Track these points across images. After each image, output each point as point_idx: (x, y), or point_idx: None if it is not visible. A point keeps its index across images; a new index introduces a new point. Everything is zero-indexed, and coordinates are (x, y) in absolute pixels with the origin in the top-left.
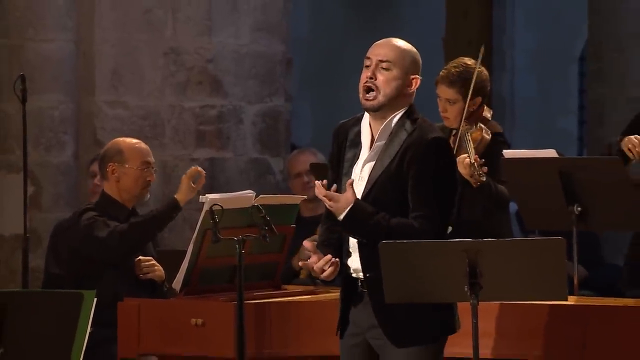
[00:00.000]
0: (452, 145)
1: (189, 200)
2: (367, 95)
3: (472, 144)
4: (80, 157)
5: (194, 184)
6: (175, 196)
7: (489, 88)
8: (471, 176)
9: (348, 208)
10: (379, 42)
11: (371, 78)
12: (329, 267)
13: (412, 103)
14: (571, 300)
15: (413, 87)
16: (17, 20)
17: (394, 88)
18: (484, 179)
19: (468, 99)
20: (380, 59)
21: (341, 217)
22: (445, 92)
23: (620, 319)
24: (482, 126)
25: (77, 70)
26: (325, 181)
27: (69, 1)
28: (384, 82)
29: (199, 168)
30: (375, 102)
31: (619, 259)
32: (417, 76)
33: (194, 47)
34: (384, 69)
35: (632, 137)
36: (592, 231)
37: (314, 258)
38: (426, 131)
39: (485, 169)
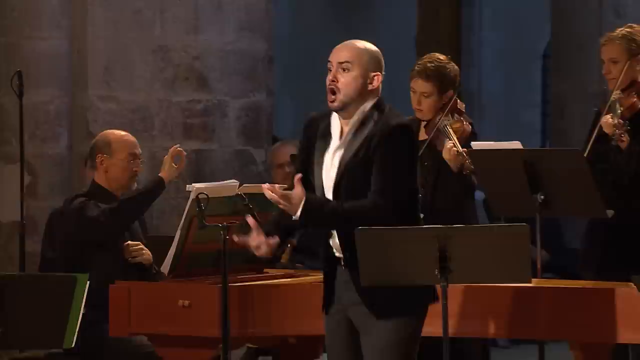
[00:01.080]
0: (427, 137)
1: (177, 189)
2: (331, 97)
3: (454, 135)
4: (73, 148)
5: (175, 164)
6: (160, 174)
7: (458, 81)
8: (462, 165)
9: (302, 204)
10: (338, 45)
11: (333, 81)
12: (265, 246)
13: (379, 97)
14: (534, 283)
15: (375, 83)
16: (14, 20)
17: (353, 88)
18: (473, 167)
19: (454, 94)
20: (339, 60)
21: (297, 213)
22: (421, 85)
23: (577, 299)
24: (461, 117)
25: (71, 67)
26: (267, 185)
27: (64, 1)
28: (344, 84)
29: (179, 147)
30: (337, 104)
31: (578, 244)
32: (378, 73)
33: (181, 45)
34: (343, 70)
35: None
36: (554, 217)
37: (253, 234)
38: (392, 117)
39: None
